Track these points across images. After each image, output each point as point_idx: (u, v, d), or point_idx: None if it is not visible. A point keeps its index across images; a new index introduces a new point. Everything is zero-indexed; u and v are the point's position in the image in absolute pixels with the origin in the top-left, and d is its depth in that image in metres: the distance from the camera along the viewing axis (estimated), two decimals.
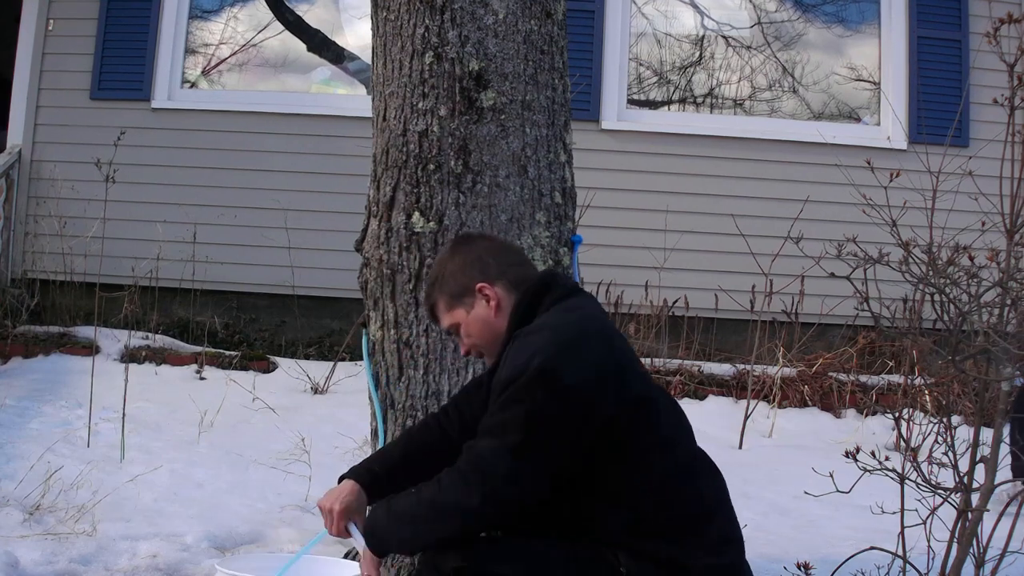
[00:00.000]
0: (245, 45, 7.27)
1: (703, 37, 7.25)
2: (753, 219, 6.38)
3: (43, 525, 3.54)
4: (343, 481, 2.31)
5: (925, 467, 2.78)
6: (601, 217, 6.03)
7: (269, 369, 6.14)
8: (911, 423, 4.03)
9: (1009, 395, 2.57)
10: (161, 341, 6.28)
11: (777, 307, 6.01)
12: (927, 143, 4.92)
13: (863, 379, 5.98)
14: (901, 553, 2.68)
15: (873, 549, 2.78)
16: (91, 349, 5.71)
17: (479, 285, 2.28)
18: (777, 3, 7.20)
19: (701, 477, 2.22)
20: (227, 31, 7.30)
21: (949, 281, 2.60)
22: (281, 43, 7.29)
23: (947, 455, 2.71)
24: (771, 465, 4.91)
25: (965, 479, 2.59)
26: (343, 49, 7.29)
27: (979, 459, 2.60)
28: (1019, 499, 3.02)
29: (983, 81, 6.42)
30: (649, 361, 6.00)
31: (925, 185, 3.14)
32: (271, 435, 4.86)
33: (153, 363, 6.02)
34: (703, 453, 2.28)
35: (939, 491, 2.64)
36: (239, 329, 6.80)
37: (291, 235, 6.57)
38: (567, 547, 2.14)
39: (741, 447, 5.28)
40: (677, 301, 6.37)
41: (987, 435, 2.64)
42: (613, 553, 2.10)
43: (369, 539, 2.18)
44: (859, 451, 2.61)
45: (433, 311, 2.39)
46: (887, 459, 2.67)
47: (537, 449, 2.04)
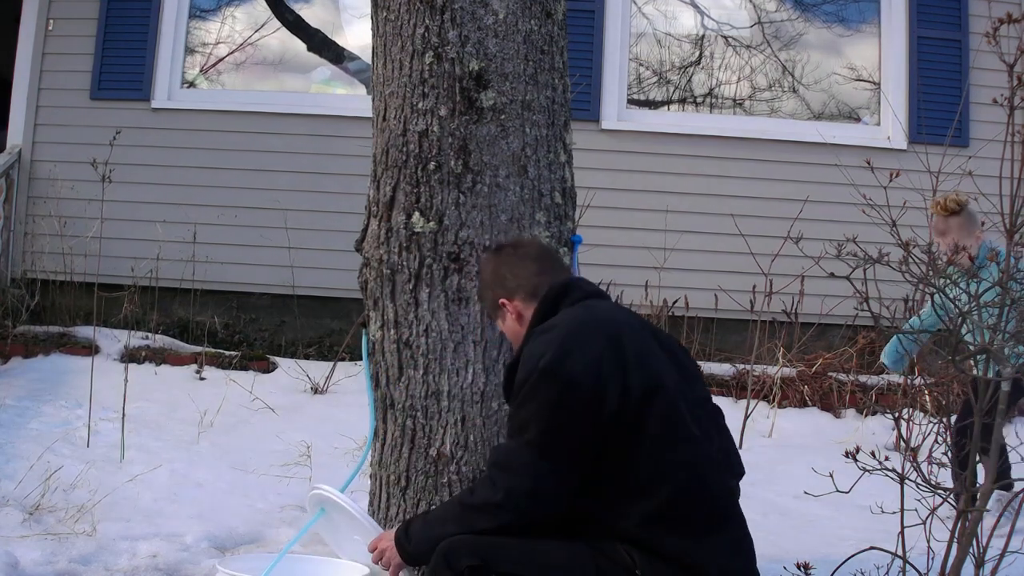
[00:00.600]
0: (244, 44, 7.26)
1: (703, 37, 7.25)
2: (753, 219, 6.38)
3: (43, 525, 3.54)
4: None
5: (925, 467, 2.79)
6: (601, 217, 6.03)
7: (269, 369, 6.13)
8: (911, 423, 4.03)
9: (1009, 395, 2.57)
10: (161, 341, 6.28)
11: (777, 307, 6.01)
12: (927, 143, 4.93)
13: (863, 379, 5.97)
14: (901, 553, 2.68)
15: (873, 549, 2.78)
16: (91, 349, 5.71)
17: (501, 301, 2.47)
18: (777, 3, 7.20)
19: (721, 478, 2.24)
20: (227, 31, 7.30)
21: (949, 281, 2.60)
22: (281, 43, 7.29)
23: (947, 455, 2.71)
24: (771, 465, 4.91)
25: (965, 479, 2.59)
26: (343, 49, 7.28)
27: (979, 459, 2.60)
28: (1015, 503, 3.03)
29: (983, 81, 6.43)
30: None
31: (925, 185, 3.14)
32: (271, 435, 4.86)
33: (153, 363, 6.01)
34: (727, 456, 2.30)
35: (939, 491, 2.64)
36: (239, 329, 6.80)
37: (291, 235, 6.57)
38: (581, 547, 2.15)
39: (741, 447, 5.21)
40: (677, 301, 6.37)
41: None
42: (628, 553, 2.11)
43: (403, 546, 2.26)
44: (859, 451, 2.60)
45: None
46: (887, 459, 2.67)
47: (553, 442, 2.14)
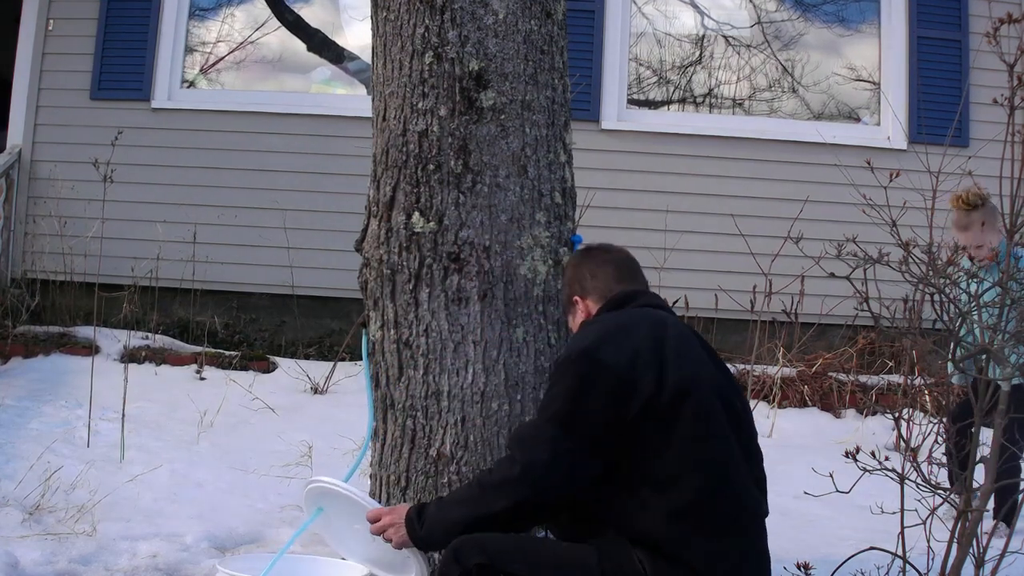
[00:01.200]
0: (243, 44, 7.26)
1: (703, 37, 7.25)
2: (753, 219, 6.38)
3: (43, 525, 3.53)
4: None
5: (925, 467, 2.78)
6: (601, 217, 6.02)
7: (269, 369, 6.13)
8: (911, 423, 4.02)
9: (1009, 395, 2.57)
10: (161, 341, 6.28)
11: (777, 307, 6.01)
12: (927, 143, 4.92)
13: (863, 379, 5.97)
14: (901, 553, 2.68)
15: (873, 549, 2.78)
16: (91, 349, 5.71)
17: (575, 298, 2.54)
18: (777, 3, 7.20)
19: (746, 480, 2.26)
20: (227, 31, 7.29)
21: (949, 281, 2.60)
22: (281, 43, 7.29)
23: (946, 455, 2.72)
24: (771, 465, 4.83)
25: (965, 479, 2.59)
26: (343, 49, 7.28)
27: (979, 459, 2.60)
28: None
29: (983, 81, 6.42)
30: None
31: (925, 185, 3.14)
32: (271, 435, 4.86)
33: (153, 363, 6.01)
34: (756, 462, 2.34)
35: (939, 491, 2.64)
36: (239, 329, 6.80)
37: (291, 235, 6.57)
38: (591, 548, 2.14)
39: None
40: (677, 301, 6.36)
41: (987, 435, 2.64)
42: (638, 555, 2.10)
43: (414, 528, 2.24)
44: (859, 451, 2.60)
45: None
46: (887, 459, 2.67)
47: (575, 421, 2.14)
